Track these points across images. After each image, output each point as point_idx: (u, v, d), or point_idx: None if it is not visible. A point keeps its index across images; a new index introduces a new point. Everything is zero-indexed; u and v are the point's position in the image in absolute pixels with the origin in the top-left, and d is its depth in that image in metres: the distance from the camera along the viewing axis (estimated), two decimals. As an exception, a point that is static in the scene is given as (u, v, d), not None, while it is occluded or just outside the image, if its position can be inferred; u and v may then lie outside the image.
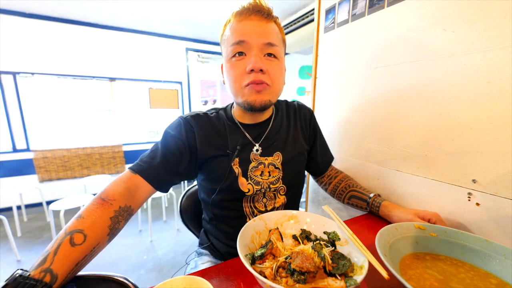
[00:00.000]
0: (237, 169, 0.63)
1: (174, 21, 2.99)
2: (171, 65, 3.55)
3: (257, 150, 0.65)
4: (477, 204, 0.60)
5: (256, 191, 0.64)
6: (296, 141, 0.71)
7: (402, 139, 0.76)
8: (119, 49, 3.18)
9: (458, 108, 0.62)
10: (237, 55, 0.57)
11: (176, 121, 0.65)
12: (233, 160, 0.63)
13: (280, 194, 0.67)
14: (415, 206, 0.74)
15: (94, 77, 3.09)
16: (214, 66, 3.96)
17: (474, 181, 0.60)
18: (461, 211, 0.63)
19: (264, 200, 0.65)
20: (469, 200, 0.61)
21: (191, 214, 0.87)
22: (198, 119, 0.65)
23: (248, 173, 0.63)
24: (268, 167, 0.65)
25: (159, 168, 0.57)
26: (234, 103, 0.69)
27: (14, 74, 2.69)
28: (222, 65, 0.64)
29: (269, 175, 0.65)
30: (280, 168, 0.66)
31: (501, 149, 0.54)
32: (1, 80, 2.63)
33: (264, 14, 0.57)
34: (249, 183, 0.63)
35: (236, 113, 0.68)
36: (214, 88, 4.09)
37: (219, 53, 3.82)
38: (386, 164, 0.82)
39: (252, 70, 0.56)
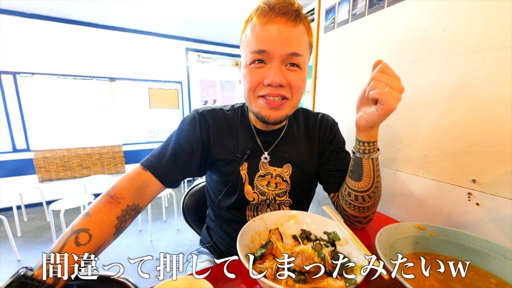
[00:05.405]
0: (244, 175, 0.61)
1: (174, 21, 2.98)
2: (171, 65, 3.54)
3: (265, 158, 0.62)
4: (477, 204, 0.60)
5: (261, 201, 0.62)
6: (310, 156, 0.65)
7: (402, 139, 0.76)
8: (119, 49, 3.17)
9: (458, 108, 0.62)
10: (256, 62, 0.51)
11: (191, 115, 0.62)
12: (241, 165, 0.61)
13: (285, 206, 0.65)
14: (415, 206, 0.74)
15: (94, 77, 3.09)
16: (214, 66, 3.95)
17: (474, 181, 0.60)
18: (461, 211, 0.63)
19: (268, 210, 0.64)
20: (469, 200, 0.61)
21: (194, 213, 0.87)
22: (214, 114, 0.62)
23: (254, 182, 0.61)
24: (276, 178, 0.62)
25: (169, 165, 0.56)
26: None
27: (14, 74, 2.68)
28: (240, 63, 0.58)
29: (276, 187, 0.62)
30: (289, 182, 0.63)
31: (501, 149, 0.54)
32: (1, 80, 2.63)
33: (292, 16, 0.48)
34: (254, 192, 0.62)
35: (252, 116, 0.64)
36: (214, 88, 4.09)
37: (219, 53, 3.84)
38: (386, 164, 0.82)
39: (270, 84, 0.51)
